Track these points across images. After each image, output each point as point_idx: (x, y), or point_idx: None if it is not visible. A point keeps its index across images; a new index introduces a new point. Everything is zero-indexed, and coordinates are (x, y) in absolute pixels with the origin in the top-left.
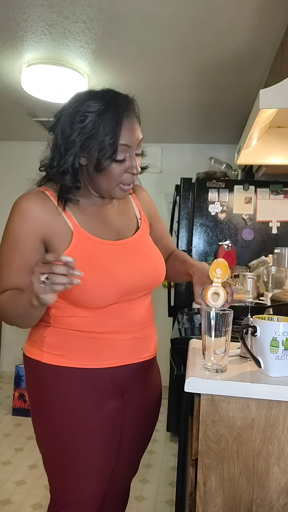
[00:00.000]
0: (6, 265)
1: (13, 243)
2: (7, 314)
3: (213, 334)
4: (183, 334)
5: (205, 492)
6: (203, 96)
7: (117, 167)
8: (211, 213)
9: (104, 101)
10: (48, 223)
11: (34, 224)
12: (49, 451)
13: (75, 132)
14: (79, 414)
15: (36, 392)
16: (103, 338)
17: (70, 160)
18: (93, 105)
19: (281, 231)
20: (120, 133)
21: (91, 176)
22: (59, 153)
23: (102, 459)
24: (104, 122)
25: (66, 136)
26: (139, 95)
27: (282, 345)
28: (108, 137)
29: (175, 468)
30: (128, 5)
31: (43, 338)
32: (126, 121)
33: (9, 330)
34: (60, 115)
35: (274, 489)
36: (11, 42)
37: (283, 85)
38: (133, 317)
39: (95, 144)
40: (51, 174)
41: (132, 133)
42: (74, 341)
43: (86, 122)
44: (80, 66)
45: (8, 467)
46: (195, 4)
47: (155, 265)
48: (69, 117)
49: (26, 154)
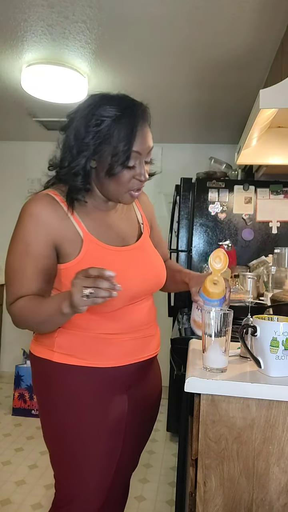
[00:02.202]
0: (20, 271)
1: (25, 249)
2: (25, 319)
3: (213, 334)
4: (183, 334)
5: (205, 492)
6: (203, 96)
7: (127, 173)
8: (211, 213)
9: (120, 107)
10: (58, 228)
11: (45, 230)
12: (56, 447)
13: (90, 135)
14: (86, 411)
15: (45, 390)
16: (108, 339)
17: (82, 162)
18: (109, 110)
19: (281, 231)
20: (134, 140)
21: (100, 180)
22: (71, 154)
23: (106, 455)
24: (119, 128)
25: (80, 138)
26: (139, 95)
27: (282, 345)
28: (122, 143)
29: (175, 468)
30: (128, 5)
31: (54, 339)
32: (140, 129)
33: (9, 330)
34: (74, 116)
35: (274, 489)
36: (11, 42)
37: (283, 85)
38: (136, 318)
39: (109, 149)
40: (61, 175)
41: (145, 141)
42: (82, 342)
43: (102, 126)
44: (80, 66)
45: (8, 467)
46: (195, 4)
47: (157, 270)
48: (84, 120)
49: (26, 154)
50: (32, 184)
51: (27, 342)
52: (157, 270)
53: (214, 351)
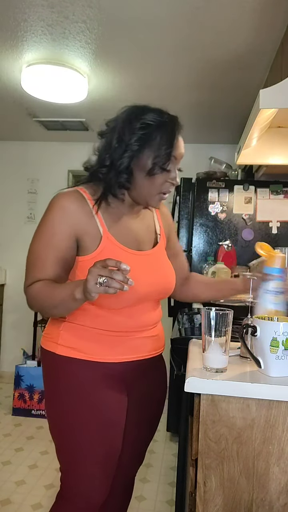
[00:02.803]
0: (42, 257)
1: (49, 237)
2: (39, 301)
3: (213, 334)
4: (183, 334)
5: (205, 492)
6: (203, 96)
7: (162, 176)
8: (211, 213)
9: (163, 116)
10: (83, 223)
11: (71, 222)
12: (60, 438)
13: (135, 136)
14: (86, 402)
15: (50, 382)
16: (112, 336)
17: (125, 162)
18: (154, 116)
19: (281, 231)
20: (174, 146)
21: (136, 180)
22: (115, 154)
23: (108, 446)
24: (162, 133)
25: (125, 140)
26: (139, 95)
27: (282, 345)
28: (164, 147)
29: (175, 468)
30: (128, 5)
31: (59, 332)
32: (178, 136)
33: (9, 330)
34: (115, 122)
35: (274, 489)
36: (11, 42)
37: (283, 85)
38: (142, 319)
39: (150, 151)
40: (102, 173)
41: (181, 148)
42: (86, 337)
43: (147, 130)
44: (80, 66)
45: (8, 467)
46: (195, 5)
47: (166, 278)
48: (129, 124)
49: (26, 154)
50: (32, 184)
51: (27, 342)
52: (166, 278)
53: (214, 351)
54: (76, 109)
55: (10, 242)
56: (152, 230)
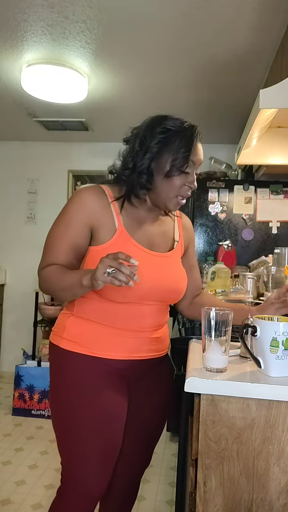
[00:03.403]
0: (57, 243)
1: (66, 225)
2: (50, 284)
3: (213, 334)
4: (183, 334)
5: (205, 492)
6: (203, 96)
7: (181, 179)
8: (211, 213)
9: (183, 123)
10: (99, 215)
11: (88, 213)
12: (60, 430)
13: (155, 139)
14: (88, 396)
15: (54, 374)
16: (113, 332)
17: (146, 163)
18: (174, 122)
19: (281, 231)
20: (192, 150)
21: (155, 182)
22: (137, 157)
23: (107, 439)
24: (181, 137)
25: (146, 143)
26: (138, 95)
27: (282, 345)
28: (182, 150)
29: (175, 468)
30: (128, 5)
31: (65, 325)
32: (197, 142)
33: (9, 330)
34: (139, 129)
35: (274, 489)
36: (11, 42)
37: (283, 85)
38: (146, 320)
39: (170, 154)
40: (125, 175)
41: (199, 155)
42: (90, 332)
43: (166, 134)
44: (80, 66)
45: (8, 467)
46: (195, 5)
47: (175, 283)
48: (150, 128)
49: (26, 154)
50: (32, 184)
51: (27, 342)
52: (175, 279)
53: (214, 351)
54: (76, 109)
55: (10, 242)
56: (169, 236)
